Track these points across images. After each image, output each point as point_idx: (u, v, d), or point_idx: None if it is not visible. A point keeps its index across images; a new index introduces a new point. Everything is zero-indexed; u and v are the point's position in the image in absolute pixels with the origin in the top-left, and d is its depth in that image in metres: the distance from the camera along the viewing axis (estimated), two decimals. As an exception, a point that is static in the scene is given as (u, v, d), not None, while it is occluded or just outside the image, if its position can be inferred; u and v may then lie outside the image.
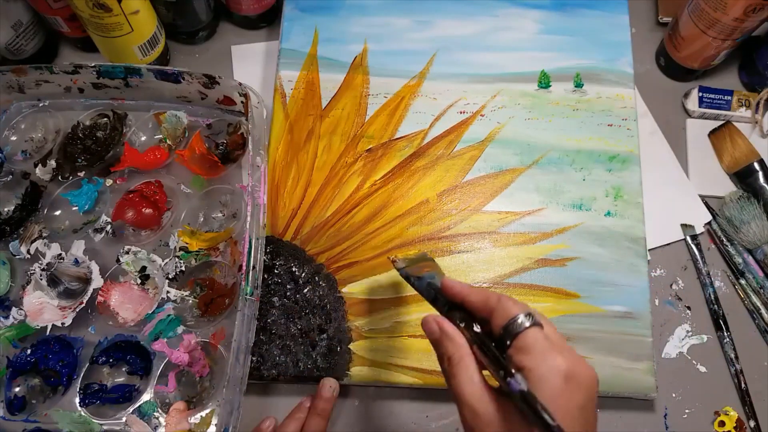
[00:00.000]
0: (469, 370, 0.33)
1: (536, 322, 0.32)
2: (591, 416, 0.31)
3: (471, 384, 0.32)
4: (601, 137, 0.55)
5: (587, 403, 0.31)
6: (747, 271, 0.55)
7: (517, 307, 0.33)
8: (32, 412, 0.47)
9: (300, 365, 0.48)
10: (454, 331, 0.35)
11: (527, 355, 0.31)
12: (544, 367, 0.30)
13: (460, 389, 0.33)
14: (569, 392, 0.30)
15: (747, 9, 0.52)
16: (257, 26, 0.65)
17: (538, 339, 0.31)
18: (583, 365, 0.32)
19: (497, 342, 0.33)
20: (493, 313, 0.34)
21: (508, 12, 0.60)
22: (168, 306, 0.49)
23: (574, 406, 0.30)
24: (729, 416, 0.50)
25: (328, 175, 0.54)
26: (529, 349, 0.31)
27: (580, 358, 0.32)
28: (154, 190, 0.54)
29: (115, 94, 0.56)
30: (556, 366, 0.30)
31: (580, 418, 0.30)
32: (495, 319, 0.33)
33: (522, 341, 0.32)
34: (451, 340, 0.34)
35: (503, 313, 0.33)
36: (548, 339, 0.32)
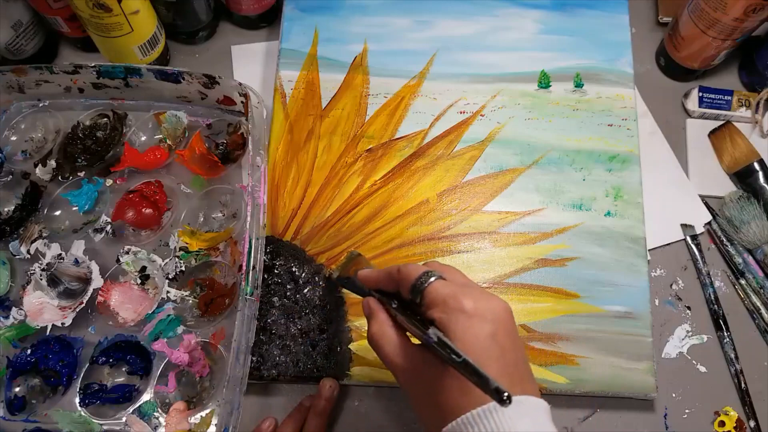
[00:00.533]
0: (389, 338, 0.37)
1: (437, 276, 0.35)
2: (507, 343, 0.34)
3: (393, 348, 0.36)
4: (601, 137, 0.55)
5: (498, 332, 0.33)
6: (747, 271, 0.55)
7: (417, 269, 0.36)
8: (32, 412, 0.47)
9: (300, 365, 0.48)
10: (376, 306, 0.39)
11: (435, 308, 0.34)
12: (449, 312, 0.34)
13: (384, 355, 0.37)
14: (476, 327, 0.33)
15: (747, 9, 0.52)
16: (257, 26, 0.65)
17: (440, 290, 0.34)
18: (487, 299, 0.34)
19: (413, 308, 0.36)
20: (400, 283, 0.37)
21: (508, 12, 0.60)
22: (168, 306, 0.49)
23: (484, 337, 0.33)
24: (729, 416, 0.50)
25: (328, 175, 0.54)
26: (434, 301, 0.34)
27: (484, 294, 0.35)
28: (154, 190, 0.54)
29: (115, 94, 0.56)
30: (459, 307, 0.33)
31: (493, 346, 0.33)
32: (402, 288, 0.37)
33: (428, 297, 0.35)
34: (374, 316, 0.38)
35: (406, 280, 0.36)
36: (450, 286, 0.35)
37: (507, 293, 0.50)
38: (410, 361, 0.35)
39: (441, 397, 0.34)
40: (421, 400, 0.35)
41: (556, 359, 0.48)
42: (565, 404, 0.50)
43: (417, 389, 0.35)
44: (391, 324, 0.37)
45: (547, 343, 0.49)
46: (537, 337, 0.49)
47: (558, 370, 0.48)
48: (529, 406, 0.32)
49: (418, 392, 0.35)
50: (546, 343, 0.49)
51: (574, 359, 0.48)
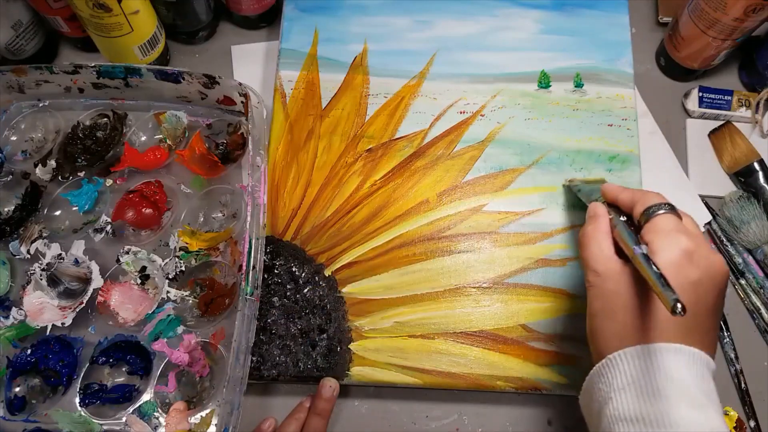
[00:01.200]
0: (599, 241, 0.38)
1: (672, 210, 0.37)
2: (706, 296, 0.34)
3: (599, 250, 0.38)
4: (601, 137, 0.55)
5: (704, 282, 0.34)
6: (747, 271, 0.55)
7: (658, 197, 0.38)
8: (32, 412, 0.47)
9: (300, 365, 0.48)
10: (602, 212, 0.40)
11: (656, 234, 0.36)
12: (666, 241, 0.35)
13: (587, 254, 0.39)
14: (684, 267, 0.34)
15: (747, 9, 0.52)
16: (257, 26, 0.65)
17: (668, 222, 0.36)
18: (708, 252, 0.35)
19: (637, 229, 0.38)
20: (636, 203, 0.39)
21: (508, 12, 0.60)
22: (168, 306, 0.49)
23: (686, 280, 0.34)
24: (729, 416, 0.50)
25: (328, 175, 0.54)
26: (658, 229, 0.36)
27: (708, 247, 0.36)
28: (154, 190, 0.54)
29: (115, 94, 0.56)
30: (677, 243, 0.34)
31: (690, 290, 0.34)
32: (636, 207, 0.38)
33: (654, 223, 0.36)
34: (596, 219, 0.40)
35: (643, 202, 0.38)
36: (680, 224, 0.36)
37: (507, 293, 0.50)
38: (607, 268, 0.37)
39: (623, 312, 0.35)
40: (600, 308, 0.37)
41: (556, 359, 0.48)
42: (565, 404, 0.50)
43: (601, 296, 0.37)
44: (607, 231, 0.39)
45: (547, 343, 0.49)
46: (537, 337, 0.49)
47: (558, 370, 0.48)
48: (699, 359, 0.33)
49: (602, 299, 0.37)
50: (546, 343, 0.49)
51: (574, 359, 0.48)
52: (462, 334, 0.49)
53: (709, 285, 0.35)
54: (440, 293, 0.50)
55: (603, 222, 0.40)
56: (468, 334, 0.49)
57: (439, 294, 0.50)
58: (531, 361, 0.48)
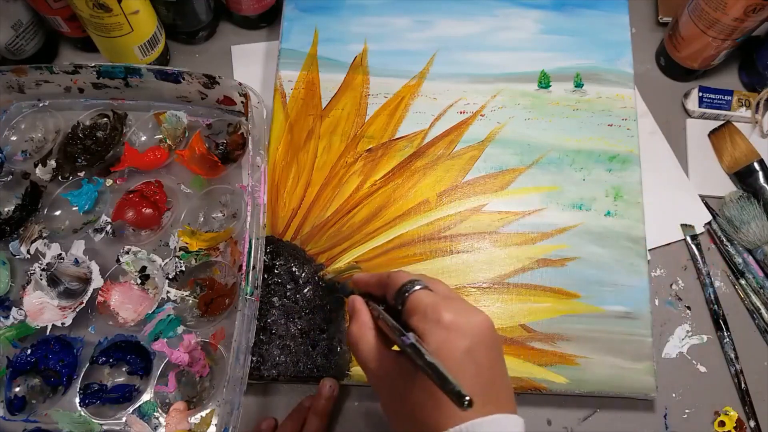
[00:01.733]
0: (367, 340, 0.37)
1: (422, 286, 0.36)
2: (484, 360, 0.33)
3: (370, 351, 0.36)
4: (601, 137, 0.55)
5: (476, 348, 0.33)
6: (747, 271, 0.55)
7: (405, 276, 0.37)
8: (32, 412, 0.47)
9: (300, 365, 0.48)
10: (360, 306, 0.39)
11: (415, 315, 0.34)
12: (427, 322, 0.33)
13: (361, 356, 0.37)
14: (452, 340, 0.32)
15: (747, 9, 0.52)
16: (257, 26, 0.65)
17: (423, 299, 0.35)
18: (467, 314, 0.34)
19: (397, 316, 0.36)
20: (387, 288, 0.38)
21: (508, 12, 0.60)
22: (168, 306, 0.49)
23: (460, 353, 0.32)
24: (729, 416, 0.50)
25: (328, 175, 0.54)
26: (416, 309, 0.34)
27: (466, 308, 0.35)
28: (154, 190, 0.54)
29: (115, 94, 0.56)
30: (437, 319, 0.33)
31: (467, 361, 0.32)
32: (388, 292, 0.37)
33: (410, 304, 0.35)
34: (356, 315, 0.38)
35: (393, 285, 0.37)
36: (433, 297, 0.35)
37: (507, 293, 0.50)
38: (384, 366, 0.35)
39: (412, 408, 0.34)
40: (391, 406, 0.36)
41: (556, 359, 0.48)
42: (565, 404, 0.50)
43: (388, 394, 0.36)
44: (372, 326, 0.37)
45: (547, 343, 0.49)
46: (537, 337, 0.49)
47: (558, 370, 0.48)
48: (502, 424, 0.32)
49: (389, 398, 0.36)
50: (546, 343, 0.49)
51: (574, 359, 0.48)
52: (462, 334, 0.49)
53: (482, 347, 0.33)
54: (440, 293, 0.50)
55: (364, 316, 0.38)
56: (468, 334, 0.49)
57: (439, 294, 0.50)
58: (531, 361, 0.48)
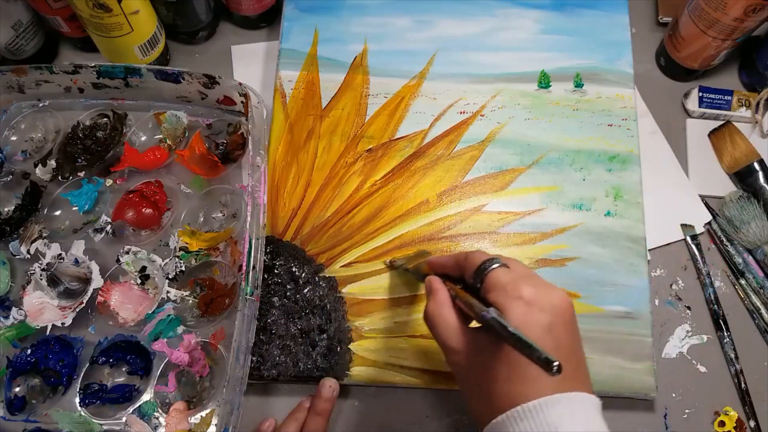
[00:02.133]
0: (445, 318, 0.37)
1: (501, 264, 0.36)
2: (564, 336, 0.34)
3: (448, 328, 0.37)
4: (601, 137, 0.55)
5: (556, 324, 0.34)
6: (747, 271, 0.55)
7: (483, 255, 0.38)
8: (32, 412, 0.47)
9: (300, 365, 0.48)
10: (438, 285, 0.39)
11: (494, 292, 0.35)
12: (508, 297, 0.34)
13: (439, 333, 0.37)
14: (532, 315, 0.33)
15: (747, 9, 0.52)
16: (257, 26, 0.65)
17: (501, 276, 0.35)
18: (547, 292, 0.35)
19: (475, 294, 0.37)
20: (464, 268, 0.38)
21: (507, 12, 0.60)
22: (168, 306, 0.49)
23: (539, 328, 0.33)
24: (729, 416, 0.50)
25: (328, 175, 0.54)
26: (494, 286, 0.35)
27: (546, 285, 0.35)
28: (154, 190, 0.54)
29: (115, 94, 0.56)
30: (517, 294, 0.34)
31: (547, 337, 0.33)
32: (466, 272, 0.38)
33: (489, 282, 0.36)
34: (434, 294, 0.39)
35: (471, 265, 0.37)
36: (512, 274, 0.36)
37: (507, 293, 0.50)
38: (463, 343, 0.36)
39: (490, 383, 0.34)
40: (469, 383, 0.36)
41: (556, 359, 0.48)
42: (565, 404, 0.50)
43: (466, 372, 0.36)
44: (449, 304, 0.38)
45: (547, 343, 0.49)
46: (537, 337, 0.49)
47: (558, 370, 0.48)
48: (580, 402, 0.32)
49: (468, 375, 0.36)
50: (546, 343, 0.49)
51: (574, 359, 0.48)
52: (462, 334, 0.49)
53: (561, 324, 0.34)
54: (440, 293, 0.50)
55: (442, 295, 0.38)
56: (468, 334, 0.49)
57: (439, 294, 0.50)
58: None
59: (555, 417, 0.31)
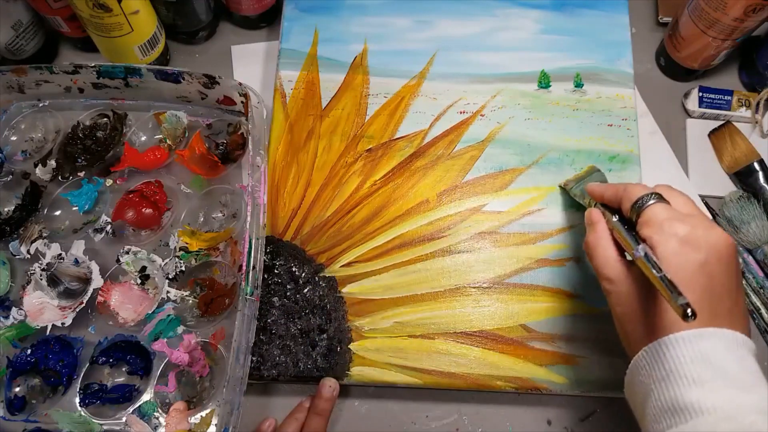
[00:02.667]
0: (604, 248, 0.39)
1: (660, 199, 0.37)
2: (718, 275, 0.34)
3: (605, 258, 0.39)
4: (601, 137, 0.55)
5: (710, 262, 0.34)
6: (747, 271, 0.55)
7: (642, 189, 0.38)
8: (32, 412, 0.47)
9: (300, 365, 0.48)
10: (598, 218, 0.41)
11: (650, 227, 0.36)
12: (662, 234, 0.35)
13: (596, 263, 0.39)
14: (687, 253, 0.34)
15: (747, 9, 0.52)
16: (257, 26, 0.65)
17: (658, 212, 0.36)
18: (706, 229, 0.35)
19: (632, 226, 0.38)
20: (622, 200, 0.39)
21: (507, 12, 0.60)
22: (168, 306, 0.49)
23: (693, 265, 0.34)
24: (729, 416, 0.50)
25: (328, 175, 0.54)
26: (650, 221, 0.36)
27: (706, 224, 0.36)
28: (154, 190, 0.54)
29: (115, 94, 0.56)
30: (672, 232, 0.35)
31: (699, 274, 0.34)
32: (624, 204, 0.39)
33: (645, 216, 0.37)
34: (593, 226, 0.41)
35: (629, 198, 0.38)
36: (671, 211, 0.36)
37: (507, 293, 0.50)
38: (617, 272, 0.38)
39: (640, 312, 0.36)
40: (620, 309, 0.38)
41: (556, 359, 0.48)
42: (565, 404, 0.50)
43: (619, 301, 0.38)
44: (608, 236, 0.39)
45: (547, 343, 0.49)
46: (537, 337, 0.49)
47: (558, 370, 0.48)
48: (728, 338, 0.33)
49: (619, 301, 0.38)
50: (546, 343, 0.49)
51: (574, 359, 0.48)
52: (462, 334, 0.49)
53: (717, 263, 0.34)
54: (440, 293, 0.50)
55: (601, 227, 0.40)
56: (468, 334, 0.49)
57: (439, 294, 0.50)
58: (531, 361, 0.48)
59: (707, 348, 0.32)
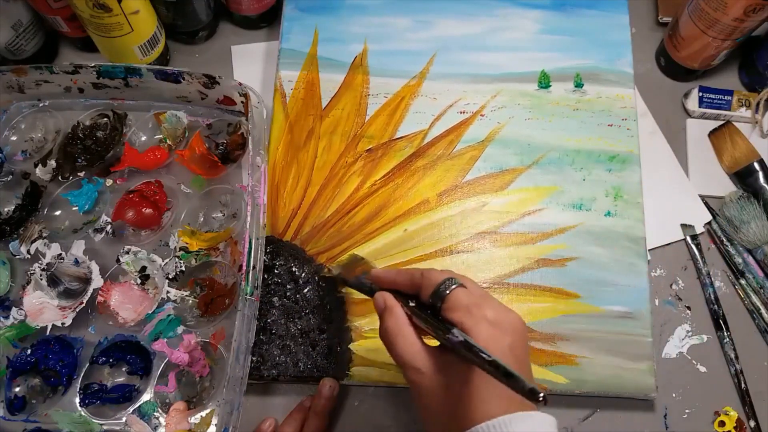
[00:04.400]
0: (406, 336, 0.37)
1: (459, 284, 0.37)
2: (522, 355, 0.35)
3: (410, 346, 0.36)
4: (601, 137, 0.55)
5: (516, 344, 0.35)
6: (747, 271, 0.55)
7: (440, 275, 0.37)
8: (32, 412, 0.47)
9: (300, 365, 0.48)
10: (393, 302, 0.38)
11: (457, 312, 0.35)
12: (470, 318, 0.35)
13: (401, 352, 0.37)
14: (497, 336, 0.34)
15: (747, 9, 0.52)
16: (257, 26, 0.65)
17: (462, 297, 0.36)
18: (506, 313, 0.36)
19: (431, 310, 0.37)
20: (421, 286, 0.38)
21: (507, 12, 0.60)
22: (168, 306, 0.49)
23: (504, 347, 0.34)
24: (729, 416, 0.50)
25: (328, 175, 0.54)
26: (457, 307, 0.35)
27: (502, 307, 0.36)
28: (154, 190, 0.54)
29: (115, 94, 0.56)
30: (483, 316, 0.35)
31: (510, 356, 0.34)
32: (423, 290, 0.37)
33: (450, 302, 0.36)
34: (390, 310, 0.38)
35: (429, 284, 0.37)
36: (472, 295, 0.36)
37: (507, 293, 0.50)
38: (426, 362, 0.36)
39: (451, 401, 0.34)
40: (426, 401, 0.36)
41: (556, 359, 0.48)
42: (565, 404, 0.50)
43: (428, 391, 0.36)
44: (407, 322, 0.37)
45: (547, 343, 0.49)
46: (537, 337, 0.49)
47: (558, 370, 0.48)
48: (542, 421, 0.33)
49: (429, 394, 0.36)
50: (546, 343, 0.49)
51: (574, 359, 0.48)
52: (462, 334, 0.49)
53: (520, 345, 0.35)
54: (440, 293, 0.50)
55: (400, 313, 0.38)
56: (468, 334, 0.49)
57: (439, 294, 0.50)
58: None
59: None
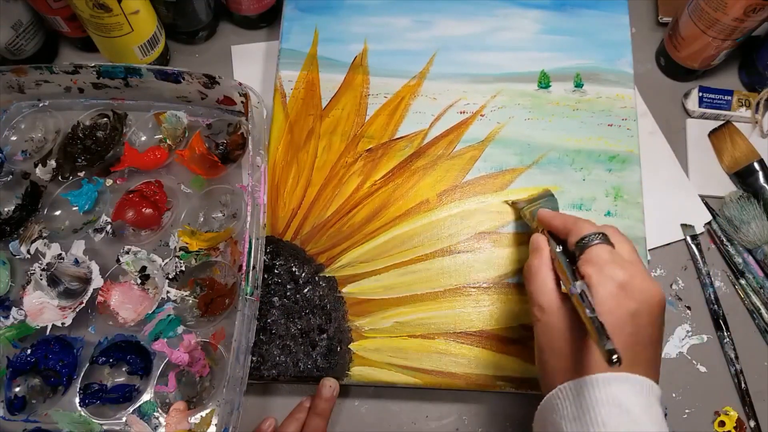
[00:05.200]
0: (543, 276, 0.39)
1: (605, 240, 0.38)
2: (645, 326, 0.35)
3: (542, 285, 0.39)
4: (601, 137, 0.55)
5: (641, 312, 0.35)
6: (747, 271, 0.55)
7: (590, 227, 0.39)
8: (32, 412, 0.47)
9: (300, 365, 0.48)
10: (543, 245, 0.41)
11: (591, 266, 0.36)
12: (601, 275, 0.36)
13: (532, 289, 0.39)
14: (620, 298, 0.35)
15: (747, 9, 0.52)
16: (257, 26, 0.65)
17: (602, 254, 0.37)
18: (644, 281, 0.36)
19: (572, 259, 0.39)
20: (570, 233, 0.39)
21: (507, 12, 0.60)
22: (168, 306, 0.49)
23: (624, 312, 0.34)
24: (729, 416, 0.50)
25: (328, 175, 0.54)
26: (592, 260, 0.37)
27: (644, 275, 0.36)
28: (154, 190, 0.54)
29: (115, 94, 0.56)
30: (611, 275, 0.35)
31: (628, 322, 0.34)
32: (570, 238, 0.39)
33: (588, 254, 0.37)
34: (538, 252, 0.41)
35: (576, 233, 0.39)
36: (614, 254, 0.37)
37: (507, 293, 0.50)
38: (551, 304, 0.38)
39: (564, 345, 0.36)
40: (545, 343, 0.38)
41: (556, 359, 0.48)
42: (565, 404, 0.50)
43: (546, 331, 0.38)
44: (549, 264, 0.40)
45: (547, 343, 0.49)
46: (537, 337, 0.49)
47: (558, 370, 0.48)
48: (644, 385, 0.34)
49: (546, 334, 0.38)
50: (546, 343, 0.49)
51: (574, 359, 0.48)
52: (462, 334, 0.49)
53: (647, 314, 0.35)
54: (440, 293, 0.50)
55: (545, 254, 0.40)
56: (468, 334, 0.49)
57: (439, 294, 0.50)
58: (531, 361, 0.48)
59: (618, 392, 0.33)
